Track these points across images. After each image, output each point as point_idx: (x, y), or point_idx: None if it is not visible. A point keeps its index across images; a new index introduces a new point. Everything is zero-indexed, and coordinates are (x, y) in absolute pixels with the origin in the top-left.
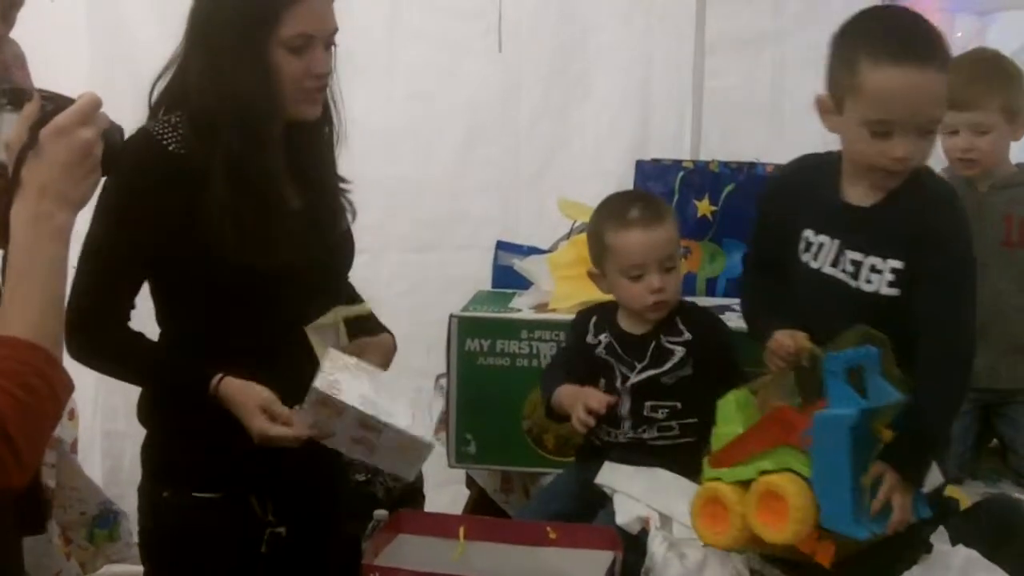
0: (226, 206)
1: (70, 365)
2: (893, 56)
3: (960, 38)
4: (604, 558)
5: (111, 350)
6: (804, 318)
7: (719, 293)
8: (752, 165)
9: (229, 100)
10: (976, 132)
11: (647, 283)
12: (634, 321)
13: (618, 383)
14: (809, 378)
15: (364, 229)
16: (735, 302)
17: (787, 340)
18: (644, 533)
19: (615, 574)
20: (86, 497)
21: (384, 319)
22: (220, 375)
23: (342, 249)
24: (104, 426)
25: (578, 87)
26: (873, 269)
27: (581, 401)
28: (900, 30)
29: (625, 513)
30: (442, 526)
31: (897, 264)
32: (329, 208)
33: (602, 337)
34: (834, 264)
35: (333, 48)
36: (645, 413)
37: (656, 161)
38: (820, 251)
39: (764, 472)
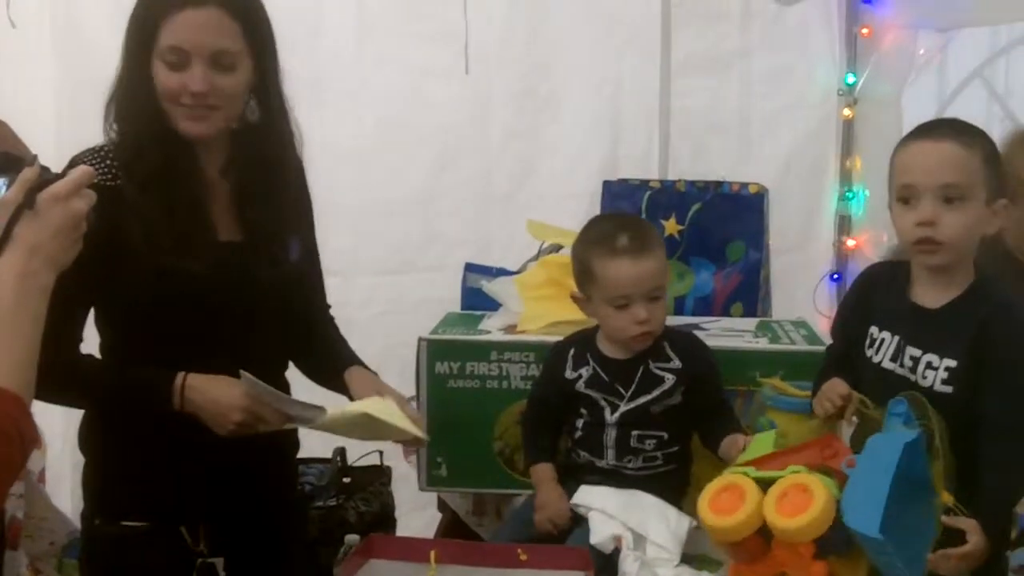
0: (146, 230)
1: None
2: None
3: (923, 55)
4: None
5: (66, 376)
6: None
7: (687, 312)
8: (719, 184)
9: (128, 114)
10: None
11: (633, 314)
12: (618, 347)
13: (606, 415)
14: (862, 433)
15: (336, 252)
16: (703, 320)
17: (842, 387)
18: (617, 552)
19: None
20: (55, 527)
21: (356, 342)
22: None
23: (280, 284)
24: (74, 457)
25: (547, 109)
26: (929, 366)
27: (549, 513)
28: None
29: (599, 533)
30: (413, 550)
31: (951, 363)
32: (269, 243)
33: (583, 371)
34: (893, 359)
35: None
36: (632, 444)
37: (623, 181)
38: (882, 346)
39: (796, 472)
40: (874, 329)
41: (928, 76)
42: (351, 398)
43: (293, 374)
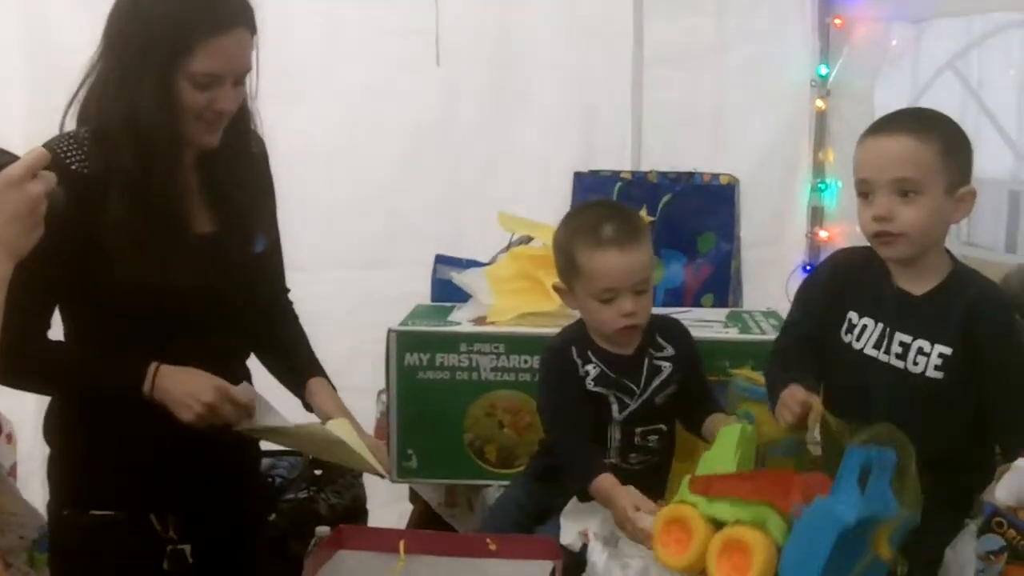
0: (122, 226)
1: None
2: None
3: (895, 46)
4: (544, 568)
5: (34, 364)
6: (843, 396)
7: (657, 303)
8: (690, 175)
9: (130, 121)
10: None
11: (619, 307)
12: (614, 341)
13: (613, 412)
14: (834, 447)
15: (305, 247)
16: (674, 311)
17: (802, 394)
18: (585, 548)
19: None
20: (26, 521)
21: (327, 337)
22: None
23: (251, 273)
24: (45, 451)
25: (518, 101)
26: (921, 352)
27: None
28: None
29: (568, 533)
30: (382, 541)
31: (946, 350)
32: (242, 233)
33: (589, 368)
34: (876, 346)
35: (250, 80)
36: (636, 442)
37: (595, 172)
38: (863, 332)
39: (739, 521)
40: (853, 315)
41: (901, 67)
42: (311, 410)
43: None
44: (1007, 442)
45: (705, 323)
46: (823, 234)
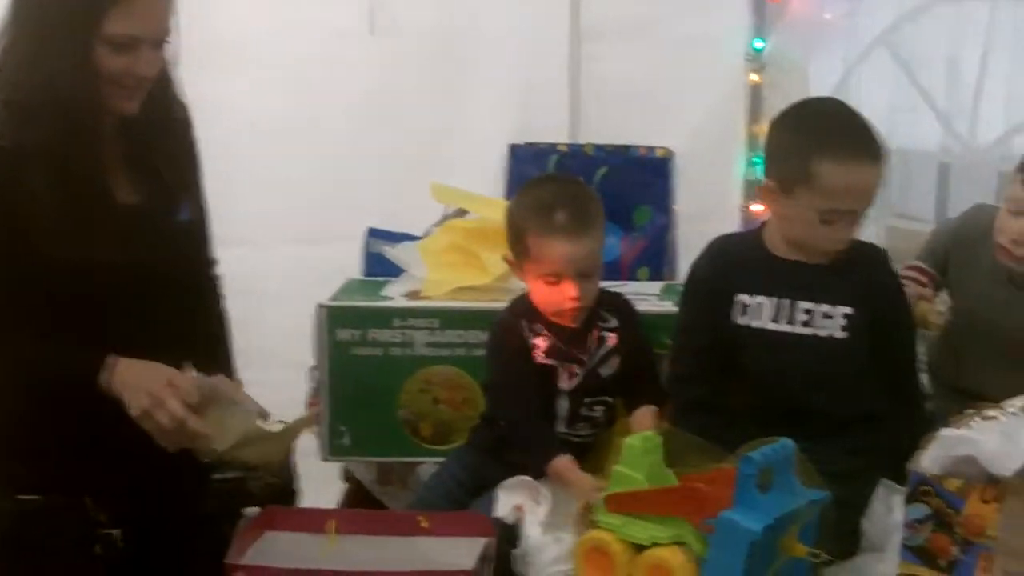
0: (43, 200)
1: None
2: (852, 155)
3: (830, 20)
4: (476, 544)
5: None
6: (758, 378)
7: None
8: (626, 148)
9: (47, 89)
10: None
11: (564, 289)
12: (559, 317)
13: (561, 382)
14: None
15: (245, 221)
16: (610, 284)
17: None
18: (519, 521)
19: (488, 559)
20: None
21: (266, 312)
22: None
23: (178, 244)
24: None
25: (455, 74)
26: (826, 316)
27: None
28: (852, 129)
29: (503, 505)
30: (311, 521)
31: (847, 310)
32: (167, 203)
33: (538, 341)
34: (779, 320)
35: (171, 45)
36: (583, 413)
37: (531, 145)
38: (761, 311)
39: (656, 543)
40: (744, 297)
41: (835, 42)
42: None
43: None
44: (902, 394)
45: (641, 296)
46: (757, 208)
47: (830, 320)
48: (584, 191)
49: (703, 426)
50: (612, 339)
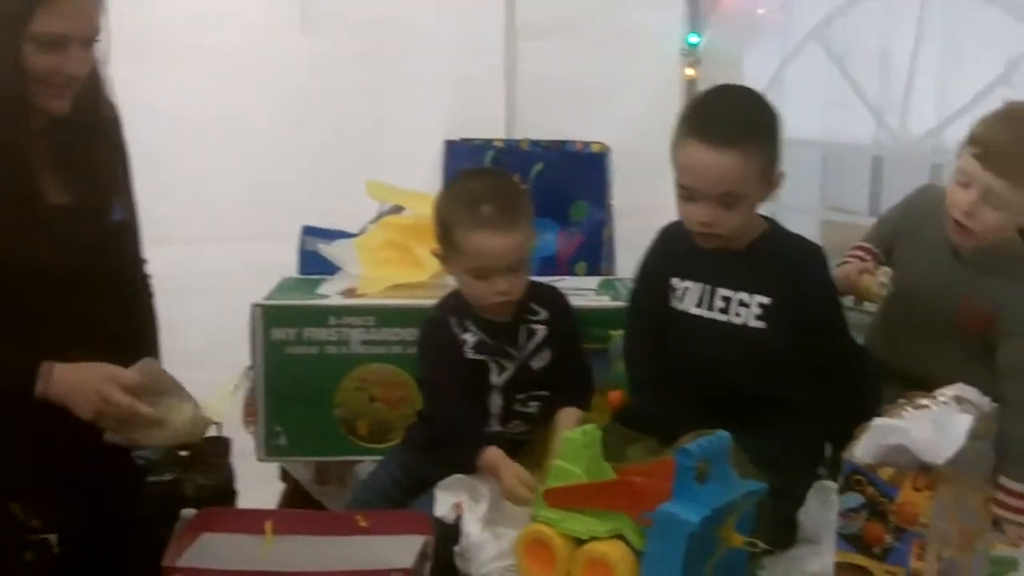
0: None
1: None
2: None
3: (763, 15)
4: (415, 543)
5: None
6: (683, 361)
7: (532, 272)
8: (562, 143)
9: None
10: (988, 201)
11: (492, 284)
12: (489, 311)
13: (492, 377)
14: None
15: (177, 219)
16: (548, 280)
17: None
18: (460, 519)
19: (427, 557)
20: None
21: (199, 312)
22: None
23: (110, 244)
24: None
25: (390, 70)
26: (742, 303)
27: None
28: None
29: (443, 504)
30: (249, 522)
31: (764, 299)
32: (99, 203)
33: (467, 336)
34: (700, 304)
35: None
36: (517, 408)
37: (467, 141)
38: (686, 295)
39: (595, 537)
40: (676, 280)
41: (769, 36)
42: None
43: None
44: (836, 384)
45: (578, 291)
46: None
47: (746, 308)
48: (511, 184)
49: (651, 404)
50: (542, 331)
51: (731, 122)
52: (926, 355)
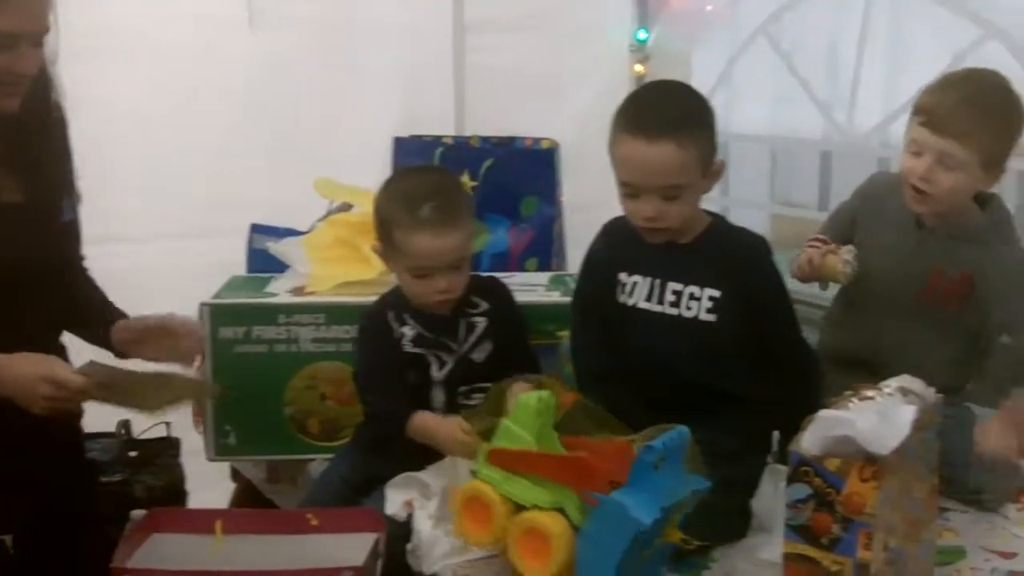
0: None
1: None
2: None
3: (711, 11)
4: (366, 540)
5: None
6: (633, 356)
7: (483, 268)
8: (512, 139)
9: None
10: (942, 164)
11: (433, 283)
12: (430, 307)
13: (433, 371)
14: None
15: (127, 217)
16: (499, 276)
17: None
18: (411, 517)
19: (379, 554)
20: None
21: (145, 309)
22: None
23: (62, 242)
24: None
25: (341, 66)
26: (692, 297)
27: (456, 441)
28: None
29: (393, 502)
30: (199, 522)
31: (715, 293)
32: (50, 202)
33: (405, 330)
34: (650, 299)
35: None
36: (460, 402)
37: (416, 137)
38: (635, 290)
39: (536, 506)
40: (623, 275)
41: (717, 32)
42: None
43: None
44: (786, 376)
45: (529, 287)
46: None
47: (697, 302)
48: (450, 182)
49: (599, 399)
50: (483, 323)
51: (663, 114)
52: (890, 338)
